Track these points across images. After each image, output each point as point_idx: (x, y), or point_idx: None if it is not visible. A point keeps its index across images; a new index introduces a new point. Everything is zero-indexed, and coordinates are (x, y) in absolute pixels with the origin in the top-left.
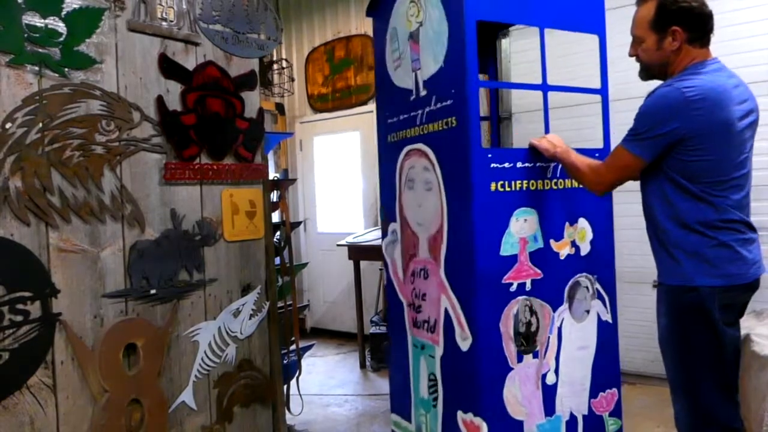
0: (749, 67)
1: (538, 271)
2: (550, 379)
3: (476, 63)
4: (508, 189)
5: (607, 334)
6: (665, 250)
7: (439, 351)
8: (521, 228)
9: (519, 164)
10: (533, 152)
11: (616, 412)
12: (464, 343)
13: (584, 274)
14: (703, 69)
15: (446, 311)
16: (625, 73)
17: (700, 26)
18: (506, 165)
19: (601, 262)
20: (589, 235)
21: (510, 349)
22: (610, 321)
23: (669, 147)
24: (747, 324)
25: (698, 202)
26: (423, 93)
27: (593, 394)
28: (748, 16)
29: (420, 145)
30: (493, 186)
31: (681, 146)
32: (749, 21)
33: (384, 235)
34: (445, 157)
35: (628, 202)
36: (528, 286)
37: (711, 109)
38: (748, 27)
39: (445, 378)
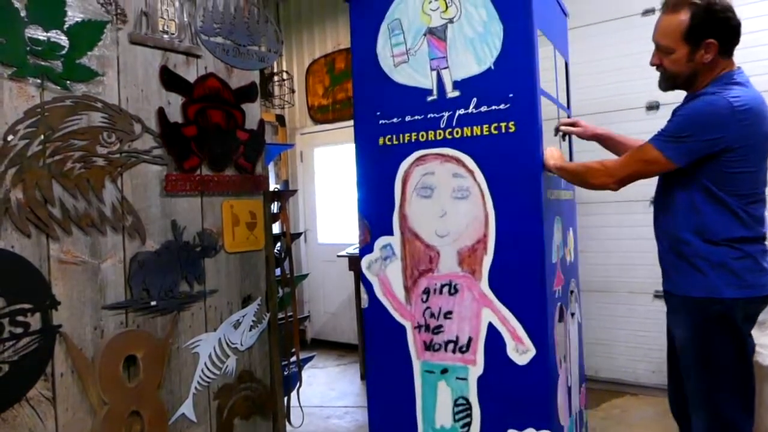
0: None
1: (563, 277)
2: (570, 381)
3: (539, 69)
4: (555, 197)
5: (580, 334)
6: (687, 262)
7: (475, 371)
8: (557, 235)
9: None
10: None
11: (585, 406)
12: (523, 356)
13: (573, 279)
14: (739, 79)
15: (490, 327)
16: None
17: (734, 38)
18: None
19: (576, 268)
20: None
21: (559, 356)
22: (581, 322)
23: (708, 155)
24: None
25: (729, 214)
26: (453, 94)
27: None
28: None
29: (447, 150)
30: (549, 194)
31: (723, 156)
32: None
33: (367, 251)
34: (495, 163)
35: (630, 213)
36: (559, 293)
37: (755, 120)
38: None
39: (485, 399)
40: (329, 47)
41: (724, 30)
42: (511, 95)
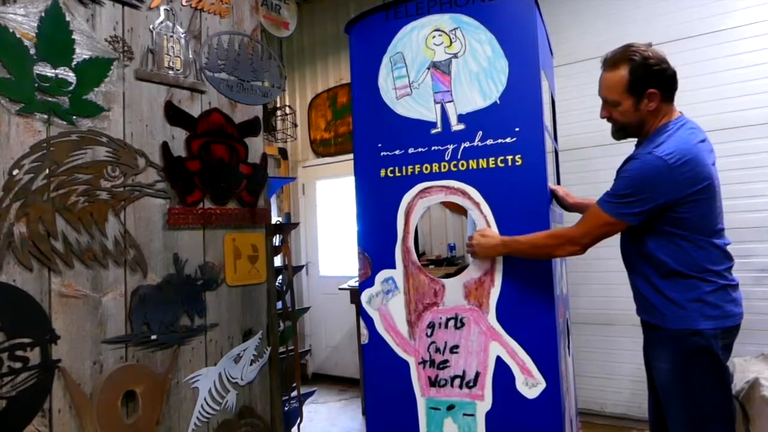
0: (752, 110)
1: (563, 309)
2: (571, 414)
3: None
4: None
5: (573, 366)
6: (663, 296)
7: (483, 406)
8: (558, 268)
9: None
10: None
11: None
12: (532, 390)
13: (567, 311)
14: (674, 128)
15: (498, 360)
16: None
17: (672, 86)
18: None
19: (569, 300)
20: None
21: (564, 387)
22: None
23: (658, 209)
24: (756, 368)
25: (697, 250)
26: (458, 127)
27: None
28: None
29: (452, 182)
30: (552, 226)
31: (673, 207)
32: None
33: (367, 284)
34: (502, 195)
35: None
36: (561, 325)
37: (694, 167)
38: (754, 70)
39: None
40: (331, 82)
41: (662, 79)
42: (517, 129)
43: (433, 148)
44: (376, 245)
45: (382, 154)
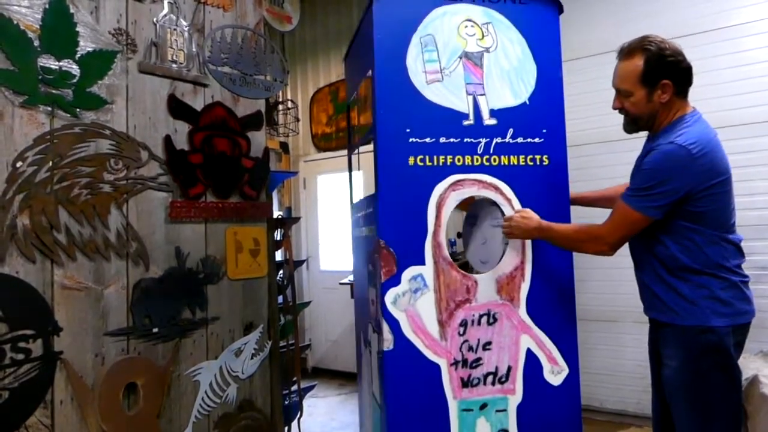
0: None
1: None
2: None
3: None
4: None
5: None
6: (674, 292)
7: (515, 400)
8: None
9: None
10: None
11: None
12: (557, 377)
13: None
14: (692, 121)
15: (528, 353)
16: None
17: (686, 79)
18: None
19: None
20: None
21: None
22: None
23: (679, 202)
24: (754, 365)
25: (710, 246)
26: (490, 122)
27: None
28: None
29: (485, 176)
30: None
31: (690, 199)
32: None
33: (393, 283)
34: (530, 192)
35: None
36: None
37: (713, 159)
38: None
39: (524, 426)
40: (333, 76)
41: (676, 71)
42: (544, 131)
43: (465, 139)
44: (403, 240)
45: (410, 140)
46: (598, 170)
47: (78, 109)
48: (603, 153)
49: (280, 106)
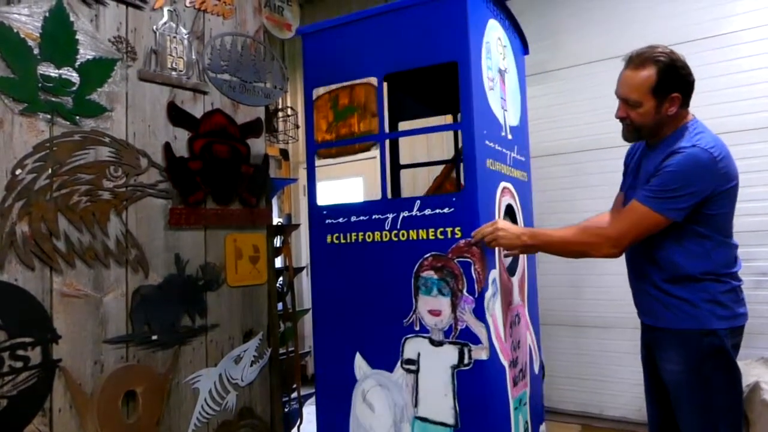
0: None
1: None
2: None
3: None
4: None
5: None
6: (674, 297)
7: (528, 392)
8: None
9: None
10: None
11: None
12: (536, 366)
13: None
14: (701, 126)
15: (529, 348)
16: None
17: (692, 91)
18: None
19: None
20: None
21: None
22: None
23: (699, 204)
24: (756, 372)
25: (715, 250)
26: (509, 136)
27: None
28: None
29: (510, 185)
30: None
31: (708, 202)
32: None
33: (485, 288)
34: (523, 204)
35: None
36: None
37: (728, 164)
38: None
39: (530, 414)
40: (333, 84)
41: (686, 84)
42: (524, 153)
43: (503, 149)
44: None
45: (486, 142)
46: (585, 178)
47: (78, 117)
48: (592, 161)
49: (280, 113)
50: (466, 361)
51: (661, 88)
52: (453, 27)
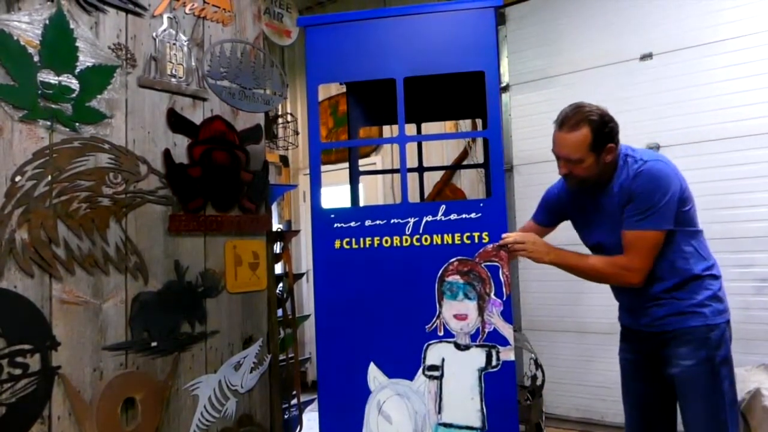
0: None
1: None
2: None
3: None
4: None
5: None
6: (682, 300)
7: None
8: None
9: None
10: None
11: None
12: None
13: None
14: (629, 147)
15: None
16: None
17: (618, 136)
18: None
19: None
20: None
21: None
22: None
23: (677, 207)
24: (756, 378)
25: (701, 245)
26: None
27: None
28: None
29: None
30: None
31: (681, 200)
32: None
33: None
34: None
35: None
36: None
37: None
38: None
39: None
40: (333, 90)
41: (615, 134)
42: None
43: None
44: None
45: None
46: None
47: (77, 124)
48: None
49: (280, 120)
50: (494, 363)
51: (597, 143)
52: (481, 37)
